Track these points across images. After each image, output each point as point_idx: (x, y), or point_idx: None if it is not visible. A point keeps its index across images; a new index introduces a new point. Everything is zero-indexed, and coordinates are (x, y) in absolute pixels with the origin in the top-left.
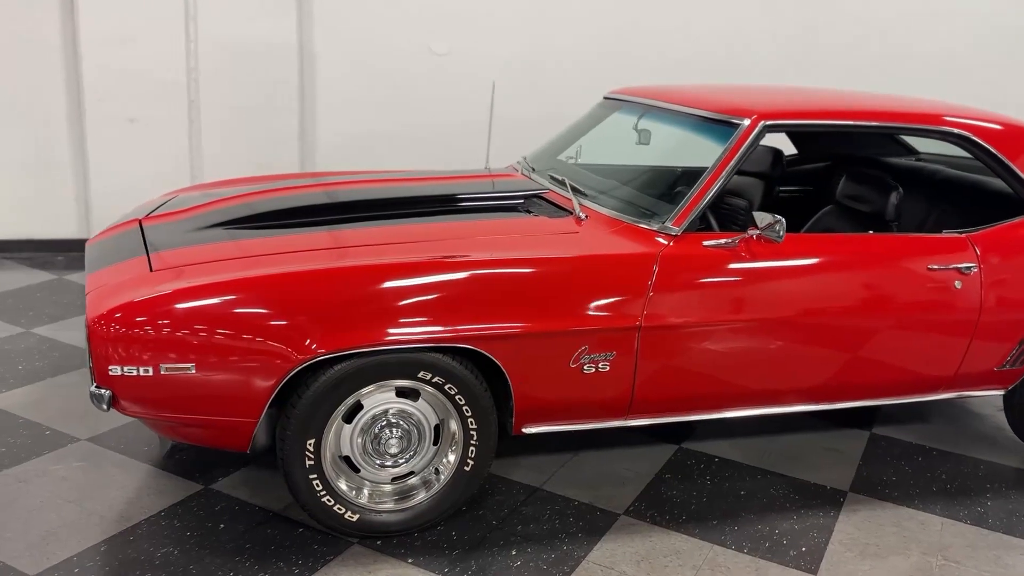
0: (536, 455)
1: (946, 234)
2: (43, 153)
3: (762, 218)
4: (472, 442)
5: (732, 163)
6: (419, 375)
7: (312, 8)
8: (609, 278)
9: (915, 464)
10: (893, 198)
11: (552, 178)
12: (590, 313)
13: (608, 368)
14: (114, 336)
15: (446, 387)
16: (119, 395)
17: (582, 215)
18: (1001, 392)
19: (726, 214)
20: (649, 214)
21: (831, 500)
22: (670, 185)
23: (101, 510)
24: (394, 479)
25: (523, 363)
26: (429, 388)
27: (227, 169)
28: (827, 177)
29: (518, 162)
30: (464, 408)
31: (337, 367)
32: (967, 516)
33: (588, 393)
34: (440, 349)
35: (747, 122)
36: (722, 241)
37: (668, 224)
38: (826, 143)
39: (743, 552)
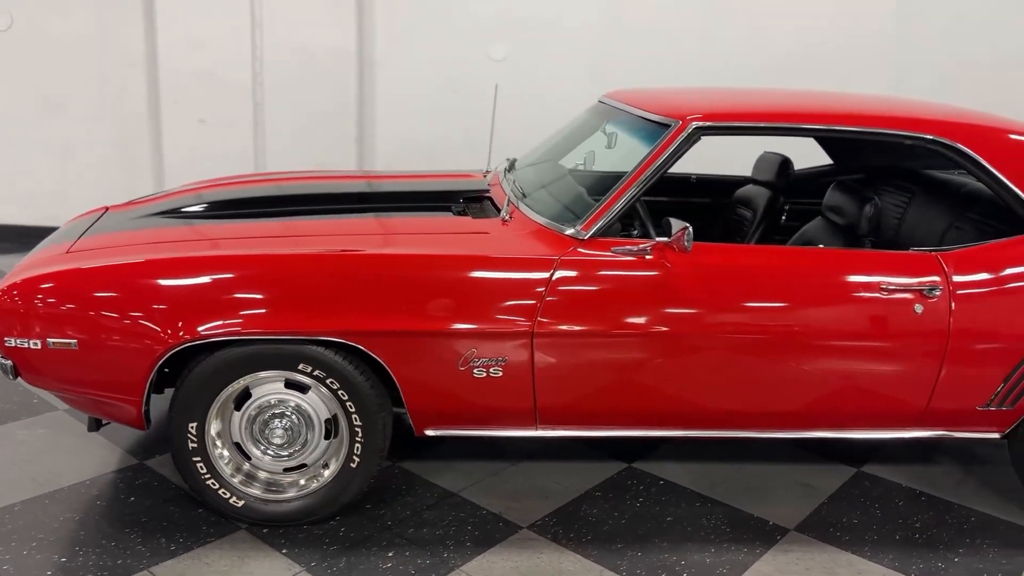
0: (472, 461)
1: (913, 251)
2: (127, 150)
3: (676, 225)
4: (357, 439)
5: (653, 167)
6: (299, 367)
7: (374, 16)
8: (501, 280)
9: (891, 508)
10: (866, 211)
11: (513, 181)
12: (477, 315)
13: (501, 374)
14: (8, 309)
15: (328, 381)
16: (18, 366)
17: (507, 216)
18: (997, 435)
19: (734, 224)
20: (571, 218)
21: (766, 536)
22: (606, 189)
23: (37, 473)
24: (286, 469)
25: (408, 362)
26: (313, 381)
27: (290, 168)
28: None
29: (504, 163)
30: (348, 404)
31: (216, 354)
32: (919, 570)
33: (484, 398)
34: (323, 343)
35: (676, 124)
36: (631, 248)
37: (578, 228)
38: (862, 154)
39: None
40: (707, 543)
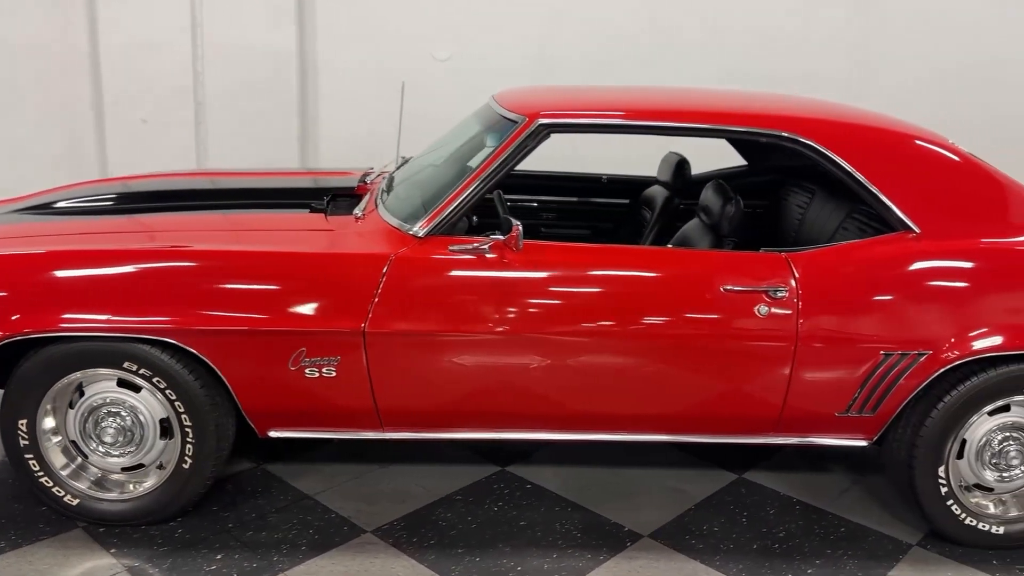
0: (339, 463)
1: (763, 252)
2: (75, 150)
3: (513, 224)
4: (188, 440)
5: (497, 163)
6: (124, 366)
7: (315, 16)
8: (331, 279)
9: (759, 516)
10: (727, 211)
11: (390, 179)
12: (305, 314)
13: (335, 374)
14: None
15: (154, 380)
16: None
17: (359, 214)
18: (864, 443)
19: (638, 225)
20: (421, 216)
21: (615, 543)
22: None
23: None
24: (124, 469)
25: (236, 361)
26: (143, 380)
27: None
28: (774, 192)
29: (399, 159)
30: (176, 404)
31: (41, 350)
32: None
33: (320, 399)
34: (149, 341)
35: (523, 120)
36: (467, 247)
37: (416, 227)
38: (773, 154)
39: None
40: (552, 548)
